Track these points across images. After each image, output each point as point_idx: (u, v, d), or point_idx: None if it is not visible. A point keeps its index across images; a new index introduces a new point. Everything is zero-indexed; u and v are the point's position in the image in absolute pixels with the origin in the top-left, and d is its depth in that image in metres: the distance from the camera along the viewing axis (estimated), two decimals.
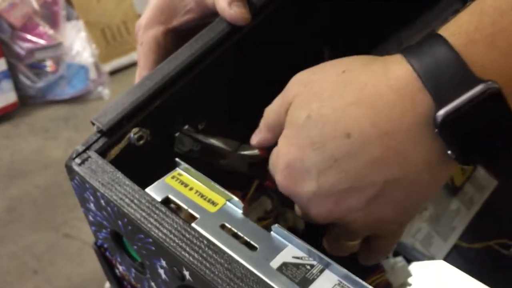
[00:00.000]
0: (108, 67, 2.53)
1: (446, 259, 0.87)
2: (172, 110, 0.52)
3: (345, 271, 0.37)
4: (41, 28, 2.19)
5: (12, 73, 2.15)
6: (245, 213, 0.42)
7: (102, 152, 0.48)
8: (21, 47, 2.13)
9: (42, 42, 2.18)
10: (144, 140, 0.49)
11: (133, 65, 2.65)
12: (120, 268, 0.54)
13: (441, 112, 0.33)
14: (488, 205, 0.97)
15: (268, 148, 0.46)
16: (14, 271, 1.59)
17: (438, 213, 0.92)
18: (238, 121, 0.60)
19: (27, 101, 2.27)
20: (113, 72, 2.57)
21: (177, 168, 0.47)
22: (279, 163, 0.41)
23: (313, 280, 0.37)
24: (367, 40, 0.74)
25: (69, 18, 2.35)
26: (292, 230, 0.72)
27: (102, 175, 0.45)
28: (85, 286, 1.51)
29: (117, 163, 0.47)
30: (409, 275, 0.72)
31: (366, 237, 0.44)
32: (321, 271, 0.37)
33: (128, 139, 0.49)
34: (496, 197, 0.99)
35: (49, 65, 2.23)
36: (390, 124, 0.35)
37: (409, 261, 0.76)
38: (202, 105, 0.55)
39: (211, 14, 0.55)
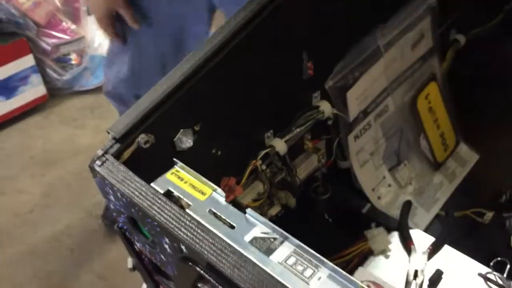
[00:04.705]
0: None
1: (429, 227, 0.98)
2: (172, 117, 0.64)
3: (298, 242, 0.48)
4: (64, 24, 2.29)
5: (40, 67, 2.26)
6: (228, 200, 0.54)
7: (117, 155, 0.60)
8: (46, 43, 2.23)
9: (65, 37, 2.28)
10: (150, 144, 0.61)
11: None
12: (138, 244, 0.66)
13: None
14: (469, 177, 1.07)
15: None
16: (52, 251, 1.72)
17: (422, 187, 1.02)
18: (227, 122, 0.71)
19: (55, 93, 2.38)
20: None
21: (175, 166, 0.59)
22: None
23: (275, 249, 0.49)
24: (344, 40, 0.83)
25: (89, 13, 2.44)
26: (285, 206, 0.84)
27: (117, 174, 0.57)
28: (115, 262, 1.63)
29: (128, 163, 0.59)
30: (389, 243, 0.82)
31: None
32: (281, 243, 0.49)
33: (137, 143, 0.61)
34: (477, 170, 1.08)
35: (73, 58, 2.33)
36: None
37: (390, 230, 0.85)
38: (196, 111, 0.66)
39: None
